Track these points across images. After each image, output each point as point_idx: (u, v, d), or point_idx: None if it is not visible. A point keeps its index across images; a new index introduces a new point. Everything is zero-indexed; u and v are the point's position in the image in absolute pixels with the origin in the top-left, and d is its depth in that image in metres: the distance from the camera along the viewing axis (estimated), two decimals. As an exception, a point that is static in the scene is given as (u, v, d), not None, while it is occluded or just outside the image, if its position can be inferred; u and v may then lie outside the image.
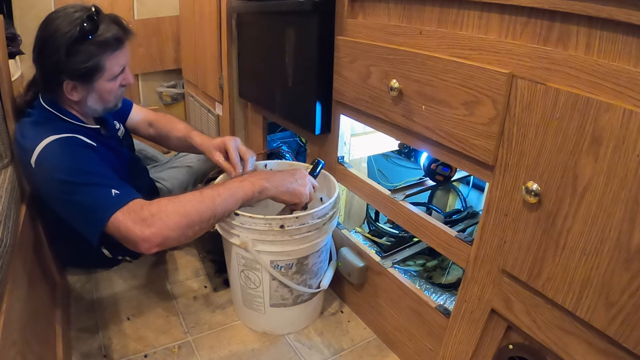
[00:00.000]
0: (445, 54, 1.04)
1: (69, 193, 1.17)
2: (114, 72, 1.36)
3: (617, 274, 0.76)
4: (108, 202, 1.15)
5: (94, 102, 1.40)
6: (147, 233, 1.11)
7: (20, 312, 1.01)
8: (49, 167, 1.20)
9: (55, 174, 1.19)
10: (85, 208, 1.17)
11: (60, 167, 1.20)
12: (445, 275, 1.65)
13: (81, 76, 1.31)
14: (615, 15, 0.71)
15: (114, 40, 1.33)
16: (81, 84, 1.33)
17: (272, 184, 1.31)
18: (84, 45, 1.27)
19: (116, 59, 1.35)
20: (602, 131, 0.74)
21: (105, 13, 1.37)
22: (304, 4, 1.41)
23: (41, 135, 1.24)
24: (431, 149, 1.16)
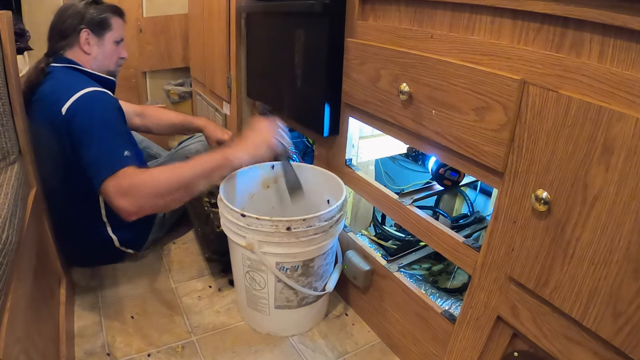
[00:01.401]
0: (456, 58, 1.03)
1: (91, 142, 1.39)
2: (118, 34, 1.75)
3: (625, 284, 0.75)
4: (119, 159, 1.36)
5: (102, 58, 1.72)
6: (124, 204, 1.30)
7: (24, 309, 1.01)
8: (83, 114, 1.43)
9: (90, 119, 1.42)
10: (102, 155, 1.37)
11: (95, 115, 1.44)
12: (450, 279, 1.64)
13: (95, 25, 1.67)
14: (630, 23, 0.71)
15: (117, 8, 1.76)
16: (94, 36, 1.68)
17: (241, 148, 1.47)
18: (99, 4, 1.70)
19: (119, 24, 1.76)
20: (614, 140, 0.73)
21: None
22: (315, 5, 1.40)
23: (75, 87, 1.48)
24: (440, 153, 1.15)
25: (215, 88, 2.49)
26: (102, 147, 1.38)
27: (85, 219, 1.69)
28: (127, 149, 1.39)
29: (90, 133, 1.41)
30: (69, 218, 1.65)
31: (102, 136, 1.40)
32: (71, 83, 1.54)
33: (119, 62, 1.80)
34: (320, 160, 1.71)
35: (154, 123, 2.09)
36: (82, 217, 1.69)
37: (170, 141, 2.95)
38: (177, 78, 3.26)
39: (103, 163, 1.35)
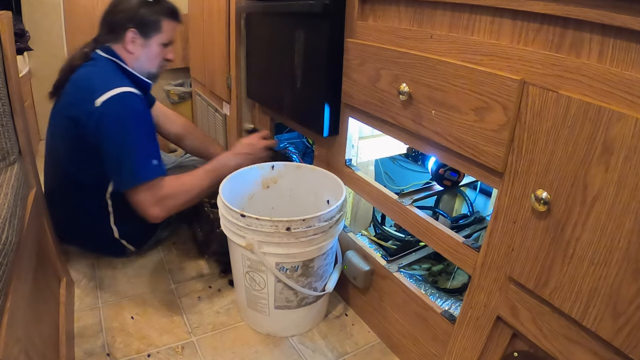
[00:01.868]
0: (456, 59, 1.03)
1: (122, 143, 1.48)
2: (167, 37, 1.73)
3: (625, 284, 0.75)
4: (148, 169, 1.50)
5: (144, 59, 1.72)
6: (157, 211, 1.52)
7: (24, 310, 1.01)
8: (114, 115, 1.48)
9: (122, 123, 1.48)
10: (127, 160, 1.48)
11: (127, 120, 1.50)
12: (450, 280, 1.64)
13: (144, 26, 1.67)
14: (630, 23, 0.71)
15: (173, 11, 1.74)
16: (140, 36, 1.67)
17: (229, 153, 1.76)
18: (152, 4, 1.67)
19: (170, 27, 1.74)
20: (613, 141, 0.73)
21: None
22: (315, 5, 1.40)
23: (113, 83, 1.52)
24: (440, 154, 1.15)
25: (215, 88, 2.49)
26: (134, 153, 1.49)
27: (90, 206, 1.71)
28: (156, 157, 1.52)
29: (122, 136, 1.48)
30: (74, 202, 1.69)
31: (135, 143, 1.50)
32: (109, 77, 1.58)
33: (162, 63, 1.78)
34: (320, 161, 1.72)
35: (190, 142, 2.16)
36: (87, 203, 1.70)
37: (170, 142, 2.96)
38: (176, 78, 3.27)
39: (136, 170, 1.48)
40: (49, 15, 3.09)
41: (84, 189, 1.67)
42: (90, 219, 1.73)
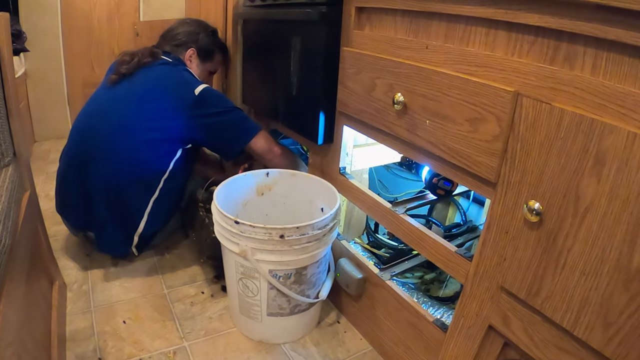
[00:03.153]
0: (451, 69, 1.04)
1: (231, 112, 1.80)
2: (214, 67, 2.15)
3: (616, 294, 0.76)
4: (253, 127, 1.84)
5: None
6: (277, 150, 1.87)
7: (17, 313, 1.01)
8: (215, 98, 1.79)
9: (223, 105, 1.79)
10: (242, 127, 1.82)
11: (224, 100, 1.82)
12: (443, 288, 1.65)
13: (202, 51, 2.04)
14: (623, 37, 0.72)
15: (225, 47, 2.19)
16: (197, 58, 2.04)
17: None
18: (212, 36, 2.09)
19: (220, 59, 2.16)
20: (605, 152, 0.74)
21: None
22: (311, 13, 1.41)
23: (197, 80, 1.85)
24: (434, 163, 1.16)
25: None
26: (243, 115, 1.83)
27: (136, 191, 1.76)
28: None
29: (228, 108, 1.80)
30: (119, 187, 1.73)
31: (238, 109, 1.83)
32: (193, 76, 1.91)
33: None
34: (315, 168, 1.72)
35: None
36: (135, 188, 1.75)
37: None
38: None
39: (252, 125, 1.83)
40: (46, 16, 3.09)
41: (145, 169, 1.75)
42: (130, 203, 1.77)
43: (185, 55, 2.00)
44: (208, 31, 2.06)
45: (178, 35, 2.02)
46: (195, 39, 2.01)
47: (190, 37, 2.01)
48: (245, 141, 1.82)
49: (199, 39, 2.02)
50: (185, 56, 2.00)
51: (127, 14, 3.13)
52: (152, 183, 1.77)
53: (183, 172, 1.87)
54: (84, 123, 1.81)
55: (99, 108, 1.80)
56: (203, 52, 2.04)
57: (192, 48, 2.01)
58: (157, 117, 1.74)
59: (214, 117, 1.76)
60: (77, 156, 1.76)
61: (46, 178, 2.74)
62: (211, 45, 2.06)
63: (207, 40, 2.04)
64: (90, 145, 1.74)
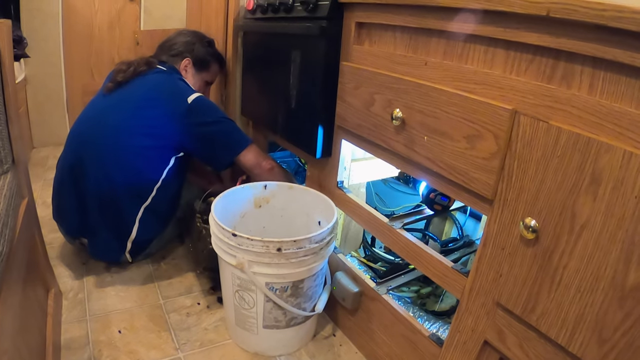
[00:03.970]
0: (449, 86, 1.05)
1: (221, 123, 1.81)
2: (210, 78, 2.14)
3: (611, 311, 0.76)
4: (244, 139, 1.84)
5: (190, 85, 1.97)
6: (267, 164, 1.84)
7: (12, 320, 1.01)
8: (207, 108, 1.81)
9: (212, 111, 1.81)
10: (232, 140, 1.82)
11: (216, 111, 1.83)
12: (439, 302, 1.65)
13: (197, 61, 2.06)
14: (620, 57, 0.73)
15: (222, 59, 2.19)
16: (193, 68, 2.05)
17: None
18: (208, 47, 2.10)
19: (216, 69, 2.16)
20: (601, 171, 0.75)
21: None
22: (312, 28, 1.43)
23: (192, 89, 1.87)
24: (431, 179, 1.17)
25: (210, 105, 2.50)
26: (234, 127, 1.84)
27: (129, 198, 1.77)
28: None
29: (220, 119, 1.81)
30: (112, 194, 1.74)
31: (230, 121, 1.84)
32: (187, 85, 1.92)
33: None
34: (312, 182, 1.73)
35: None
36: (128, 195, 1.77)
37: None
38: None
39: (242, 137, 1.83)
40: (47, 23, 3.11)
41: (137, 177, 1.76)
42: (122, 210, 1.78)
43: (181, 65, 2.02)
44: (204, 41, 2.09)
45: (175, 46, 2.04)
46: (191, 49, 2.04)
47: (186, 47, 2.04)
48: (234, 153, 1.82)
49: (195, 49, 2.04)
50: (180, 66, 2.02)
51: (128, 23, 3.15)
52: (145, 191, 1.79)
53: (176, 181, 1.88)
54: (79, 130, 1.82)
55: (95, 116, 1.82)
56: (199, 62, 2.06)
57: (188, 58, 2.03)
58: (150, 124, 1.76)
59: (204, 126, 1.78)
60: (72, 163, 1.77)
61: (44, 185, 2.74)
62: (207, 56, 2.08)
63: (203, 51, 2.06)
64: (85, 152, 1.75)
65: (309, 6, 1.45)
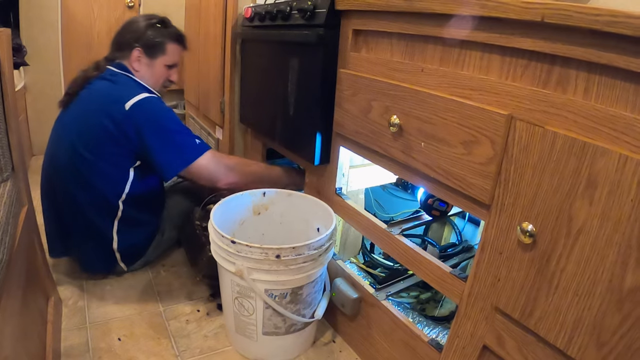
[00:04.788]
0: (446, 92, 1.06)
1: (166, 135, 1.66)
2: (171, 60, 1.91)
3: (608, 315, 0.77)
4: (196, 147, 1.71)
5: (147, 78, 1.87)
6: (229, 177, 1.76)
7: (12, 328, 1.01)
8: (148, 113, 1.65)
9: (155, 119, 1.66)
10: (178, 147, 1.67)
11: (159, 115, 1.68)
12: (438, 307, 1.65)
13: (149, 48, 1.85)
14: (615, 61, 0.73)
15: (178, 35, 1.93)
16: (146, 56, 1.85)
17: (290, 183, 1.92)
18: (160, 28, 1.88)
19: (175, 50, 1.92)
20: (597, 175, 0.75)
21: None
22: (309, 35, 1.43)
23: (135, 91, 1.68)
24: (428, 185, 1.17)
25: (208, 112, 2.51)
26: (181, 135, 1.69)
27: (99, 210, 1.74)
28: (197, 138, 1.74)
29: (164, 127, 1.67)
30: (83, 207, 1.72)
31: (177, 128, 1.69)
32: (132, 86, 1.75)
33: (165, 84, 1.96)
34: (311, 188, 1.73)
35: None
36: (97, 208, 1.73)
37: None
38: (170, 100, 3.29)
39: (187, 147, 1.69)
40: (46, 31, 3.11)
41: (98, 194, 1.71)
42: (96, 225, 1.75)
43: (131, 57, 1.84)
44: (153, 23, 1.87)
45: (122, 38, 1.87)
46: (139, 37, 1.83)
47: (133, 36, 1.84)
48: (180, 164, 1.69)
49: (144, 35, 1.83)
50: (131, 59, 1.84)
51: (126, 31, 3.16)
52: (112, 207, 1.75)
53: (146, 190, 1.82)
54: (47, 152, 1.82)
55: (55, 135, 1.80)
56: (151, 47, 1.85)
57: (137, 47, 1.83)
58: (97, 139, 1.66)
59: (144, 133, 1.64)
60: (46, 187, 1.80)
61: (43, 195, 2.74)
62: (159, 37, 1.86)
63: (153, 34, 1.85)
64: (53, 174, 1.76)
65: (306, 14, 1.46)
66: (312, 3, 1.44)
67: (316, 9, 1.43)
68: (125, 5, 3.19)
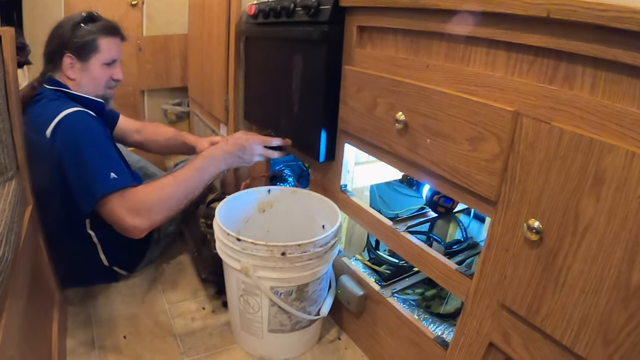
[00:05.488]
0: (451, 89, 1.05)
1: (78, 161, 1.42)
2: (107, 57, 1.67)
3: (615, 312, 0.76)
4: (105, 183, 1.40)
5: (86, 83, 1.67)
6: (136, 222, 1.40)
7: (18, 327, 1.01)
8: (65, 134, 1.45)
9: (71, 141, 1.44)
10: (86, 180, 1.41)
11: (76, 136, 1.45)
12: (443, 304, 1.65)
13: (79, 50, 1.62)
14: (621, 57, 0.73)
15: (109, 27, 1.68)
16: (78, 60, 1.63)
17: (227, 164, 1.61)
18: (86, 26, 1.64)
19: (110, 44, 1.68)
20: (604, 172, 0.75)
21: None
22: (313, 32, 1.43)
23: (57, 110, 1.48)
24: (434, 182, 1.17)
25: (213, 109, 2.51)
26: (89, 169, 1.41)
27: (74, 241, 1.67)
28: (116, 170, 1.43)
29: (75, 157, 1.43)
30: (60, 238, 1.61)
31: (88, 159, 1.42)
32: (55, 106, 1.51)
33: (110, 84, 1.73)
34: (316, 186, 1.73)
35: (151, 139, 2.11)
36: (72, 238, 1.67)
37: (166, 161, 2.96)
38: (174, 97, 3.29)
39: (93, 186, 1.40)
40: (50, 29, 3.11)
41: (65, 225, 1.61)
42: (78, 254, 1.69)
43: (63, 67, 1.63)
44: (78, 22, 1.64)
45: (50, 48, 1.66)
46: (66, 41, 1.61)
47: (61, 42, 1.62)
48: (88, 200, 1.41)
49: (70, 37, 1.61)
50: (64, 68, 1.64)
51: (130, 29, 3.14)
52: (83, 234, 1.65)
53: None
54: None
55: None
56: (81, 49, 1.62)
57: (67, 54, 1.62)
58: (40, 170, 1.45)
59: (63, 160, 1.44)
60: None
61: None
62: (88, 35, 1.62)
63: (80, 33, 1.62)
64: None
65: (310, 11, 1.45)
66: (316, 0, 1.43)
67: (320, 5, 1.42)
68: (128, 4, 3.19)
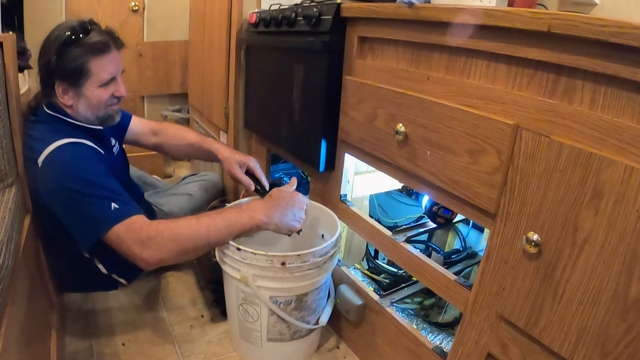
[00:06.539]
0: (452, 101, 1.06)
1: (72, 200, 1.29)
2: (102, 78, 1.45)
3: (613, 324, 0.77)
4: (107, 216, 1.28)
5: (84, 109, 1.47)
6: (144, 255, 1.26)
7: (17, 334, 1.01)
8: (55, 171, 1.31)
9: (61, 179, 1.30)
10: (85, 218, 1.29)
11: (67, 173, 1.31)
12: (442, 314, 1.65)
13: (68, 77, 1.41)
14: (621, 72, 0.74)
15: (100, 45, 1.43)
16: (70, 87, 1.43)
17: (271, 220, 1.36)
18: (71, 47, 1.40)
19: (103, 64, 1.44)
20: (603, 186, 0.76)
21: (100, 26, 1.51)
22: (314, 42, 1.43)
23: (51, 138, 1.34)
24: (434, 193, 1.17)
25: (213, 117, 2.51)
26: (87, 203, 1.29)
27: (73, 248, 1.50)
28: (117, 200, 1.32)
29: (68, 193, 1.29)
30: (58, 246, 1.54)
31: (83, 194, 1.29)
32: (48, 135, 1.37)
33: (110, 102, 1.52)
34: (316, 195, 1.73)
35: (171, 143, 1.93)
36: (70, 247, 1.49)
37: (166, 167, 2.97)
38: (175, 104, 3.29)
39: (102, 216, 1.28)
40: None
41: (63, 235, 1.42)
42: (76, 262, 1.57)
43: (57, 95, 1.44)
44: (61, 44, 1.40)
45: (40, 74, 1.47)
46: (53, 69, 1.40)
47: (47, 70, 1.42)
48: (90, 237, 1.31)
49: (57, 64, 1.39)
50: (58, 97, 1.44)
51: (131, 35, 3.15)
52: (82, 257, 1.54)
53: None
54: None
55: None
56: (70, 75, 1.41)
57: (57, 82, 1.42)
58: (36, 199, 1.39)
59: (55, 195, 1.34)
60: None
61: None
62: (76, 60, 1.40)
63: (67, 59, 1.39)
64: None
65: (311, 20, 1.46)
66: (317, 10, 1.44)
67: (322, 15, 1.43)
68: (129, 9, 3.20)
